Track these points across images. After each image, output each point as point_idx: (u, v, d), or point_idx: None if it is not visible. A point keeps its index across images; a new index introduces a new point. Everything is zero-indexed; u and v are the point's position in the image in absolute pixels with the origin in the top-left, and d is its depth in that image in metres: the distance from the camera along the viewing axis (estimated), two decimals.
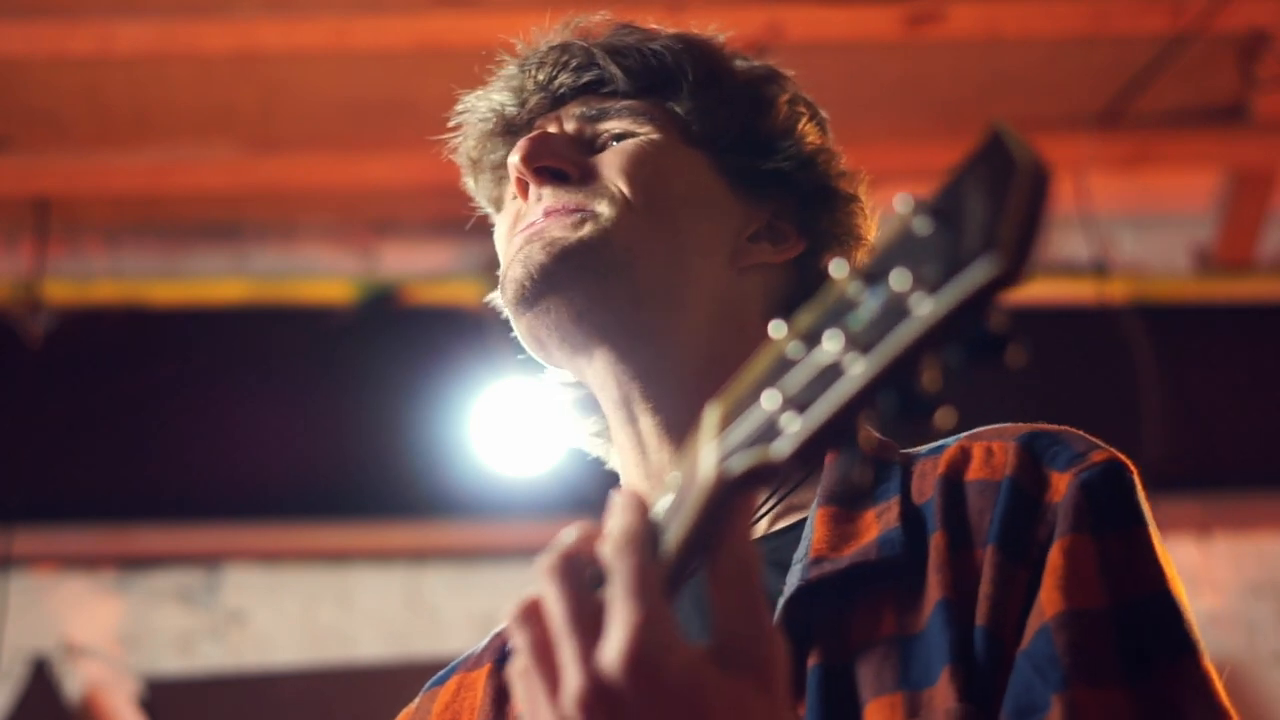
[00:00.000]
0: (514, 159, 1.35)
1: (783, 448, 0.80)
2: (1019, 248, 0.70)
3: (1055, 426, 1.20)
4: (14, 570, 4.01)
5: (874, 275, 0.79)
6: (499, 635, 1.43)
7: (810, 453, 0.79)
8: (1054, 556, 1.08)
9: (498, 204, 1.47)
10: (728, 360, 1.35)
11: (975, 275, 0.71)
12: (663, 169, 1.36)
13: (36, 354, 4.03)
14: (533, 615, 0.88)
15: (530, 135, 1.37)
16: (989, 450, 1.18)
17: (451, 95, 1.46)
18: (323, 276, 4.22)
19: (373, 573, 4.14)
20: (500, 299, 1.38)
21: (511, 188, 1.40)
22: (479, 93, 1.45)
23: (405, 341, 4.08)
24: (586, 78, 1.40)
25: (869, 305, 0.77)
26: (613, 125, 1.39)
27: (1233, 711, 1.03)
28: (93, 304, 4.14)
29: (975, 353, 0.74)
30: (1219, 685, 1.04)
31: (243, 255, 4.30)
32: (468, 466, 3.92)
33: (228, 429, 4.06)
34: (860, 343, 0.76)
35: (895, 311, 0.75)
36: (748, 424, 0.83)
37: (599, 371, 1.34)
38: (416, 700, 1.45)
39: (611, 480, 1.53)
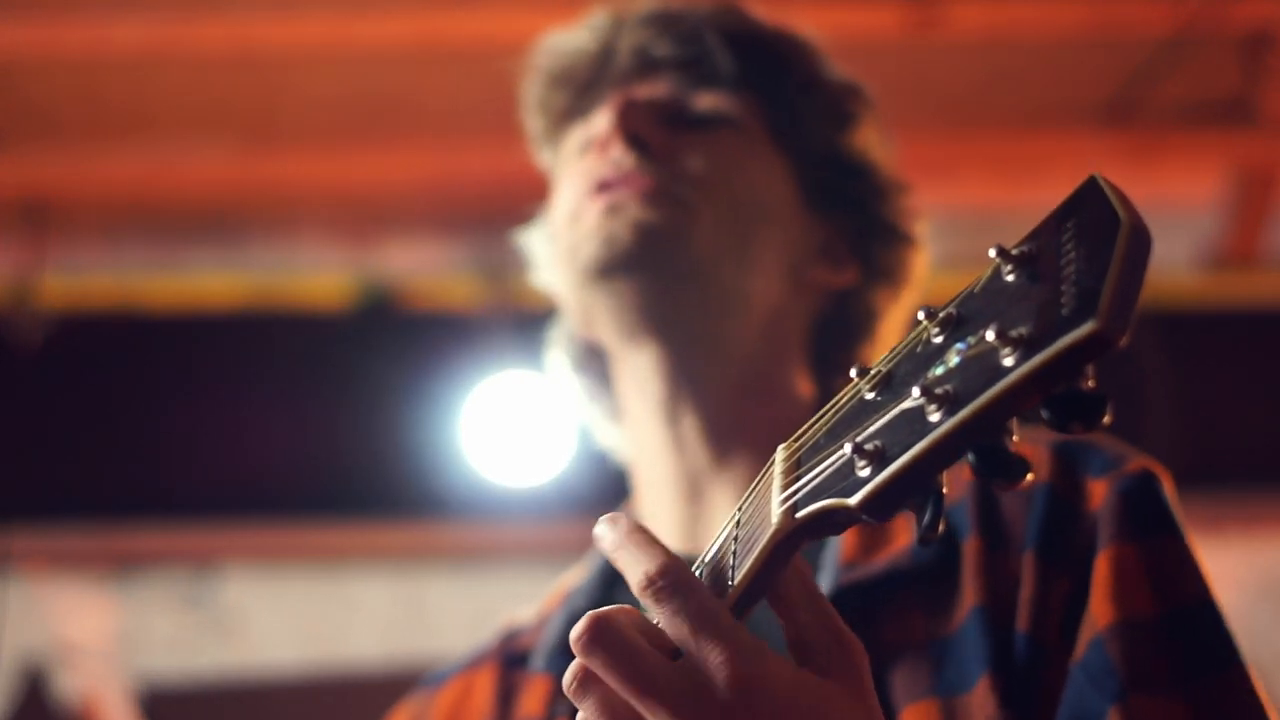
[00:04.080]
0: (606, 121, 1.31)
1: (857, 497, 0.77)
2: (1121, 311, 0.66)
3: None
4: (11, 571, 3.99)
5: (958, 322, 0.76)
6: (500, 636, 1.41)
7: (885, 504, 0.76)
8: (1101, 566, 1.07)
9: (554, 146, 1.43)
10: (770, 376, 1.33)
11: (1073, 337, 0.67)
12: (749, 170, 1.33)
13: (33, 353, 4.01)
14: (589, 681, 0.82)
15: (625, 98, 1.32)
16: None
17: (450, 93, 1.42)
18: (320, 274, 4.20)
19: (369, 573, 4.12)
20: (565, 264, 1.33)
21: (576, 140, 1.36)
22: (563, 35, 1.41)
23: (403, 342, 4.06)
24: (687, 52, 1.36)
25: (953, 355, 0.74)
26: (705, 105, 1.34)
27: None
28: (89, 303, 4.12)
29: (1064, 412, 0.70)
30: (1265, 696, 1.03)
31: (240, 253, 4.28)
32: (465, 468, 3.90)
33: (225, 429, 4.04)
34: (944, 394, 0.73)
35: (983, 365, 0.71)
36: (821, 469, 0.81)
37: (645, 365, 1.31)
38: (412, 700, 1.43)
39: (610, 480, 1.50)
